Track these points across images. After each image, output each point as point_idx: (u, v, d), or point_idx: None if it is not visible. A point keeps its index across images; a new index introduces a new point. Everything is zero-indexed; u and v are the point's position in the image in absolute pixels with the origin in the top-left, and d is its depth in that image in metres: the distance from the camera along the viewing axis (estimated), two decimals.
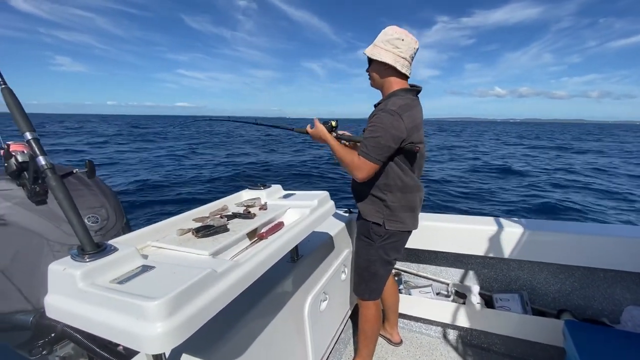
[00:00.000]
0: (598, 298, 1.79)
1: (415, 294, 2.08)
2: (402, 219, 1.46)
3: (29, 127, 0.78)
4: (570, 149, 24.14)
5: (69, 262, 0.70)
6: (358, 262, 1.61)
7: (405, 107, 1.32)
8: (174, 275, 0.70)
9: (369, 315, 1.62)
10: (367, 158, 1.31)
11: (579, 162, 15.58)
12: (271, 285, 1.21)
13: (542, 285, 1.90)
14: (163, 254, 0.86)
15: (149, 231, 0.94)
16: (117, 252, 0.74)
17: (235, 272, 0.76)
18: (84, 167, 0.87)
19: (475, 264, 2.03)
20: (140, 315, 0.58)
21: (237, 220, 1.06)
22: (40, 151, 0.77)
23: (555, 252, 1.74)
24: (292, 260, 1.40)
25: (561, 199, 7.91)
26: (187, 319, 0.61)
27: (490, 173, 12.00)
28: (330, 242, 1.73)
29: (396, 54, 1.37)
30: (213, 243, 0.88)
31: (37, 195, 0.78)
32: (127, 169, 11.64)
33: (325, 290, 1.58)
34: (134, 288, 0.65)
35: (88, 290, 0.64)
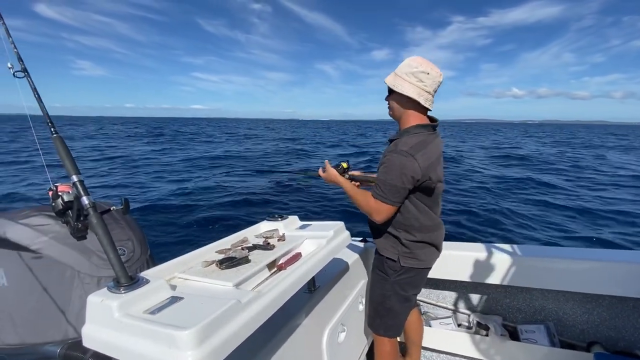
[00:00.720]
0: (629, 329, 1.70)
1: (436, 325, 2.03)
2: (418, 255, 1.43)
3: (76, 171, 0.87)
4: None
5: (106, 294, 0.76)
6: (373, 296, 1.57)
7: (419, 146, 1.28)
8: (201, 305, 0.74)
9: (383, 352, 1.57)
10: (383, 201, 1.29)
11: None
12: (289, 316, 1.23)
13: (569, 315, 1.82)
14: (190, 285, 0.91)
15: (175, 263, 1.00)
16: (149, 284, 0.80)
17: (258, 303, 0.80)
18: (120, 204, 0.95)
19: (497, 293, 1.98)
20: (173, 344, 0.62)
21: (257, 251, 1.11)
22: (84, 192, 0.86)
23: (581, 280, 1.68)
24: (309, 290, 1.42)
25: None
26: (215, 348, 0.65)
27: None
28: (346, 271, 1.74)
29: (420, 88, 1.31)
30: (236, 274, 0.93)
31: (79, 232, 0.86)
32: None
33: (342, 321, 1.57)
34: (165, 318, 0.69)
35: (123, 321, 0.69)
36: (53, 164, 1.12)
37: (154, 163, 14.38)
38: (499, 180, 10.73)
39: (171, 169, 12.74)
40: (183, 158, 16.04)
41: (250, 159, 16.35)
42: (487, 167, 13.45)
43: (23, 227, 1.40)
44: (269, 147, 21.60)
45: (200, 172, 11.89)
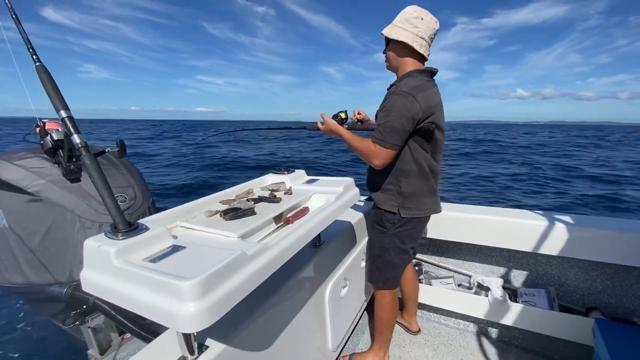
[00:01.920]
0: (630, 297, 1.71)
1: (436, 284, 2.05)
2: (417, 205, 1.42)
3: (64, 106, 0.79)
4: None
5: (103, 239, 0.71)
6: (372, 250, 1.59)
7: (419, 88, 1.27)
8: (205, 256, 0.70)
9: (384, 303, 1.61)
10: (383, 145, 1.26)
11: None
12: (294, 270, 1.21)
13: (572, 282, 1.82)
14: (192, 234, 0.86)
15: (177, 212, 0.95)
16: (149, 231, 0.75)
17: (264, 255, 0.76)
18: (116, 146, 0.87)
19: (500, 257, 1.97)
20: (174, 294, 0.58)
21: (264, 204, 1.06)
22: (74, 129, 0.78)
23: (588, 248, 1.65)
24: (315, 245, 1.40)
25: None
26: (218, 300, 0.61)
27: None
28: (351, 229, 1.72)
29: (414, 34, 1.31)
30: (241, 226, 0.88)
31: (71, 173, 0.79)
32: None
33: (345, 276, 1.58)
34: (166, 267, 0.65)
35: (122, 267, 0.65)
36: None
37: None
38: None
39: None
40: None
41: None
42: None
43: (18, 168, 1.34)
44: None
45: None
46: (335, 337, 1.49)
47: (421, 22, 1.31)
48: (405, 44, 1.33)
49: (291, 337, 1.15)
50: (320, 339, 1.41)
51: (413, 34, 1.32)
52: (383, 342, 1.66)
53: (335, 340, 1.50)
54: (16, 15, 0.83)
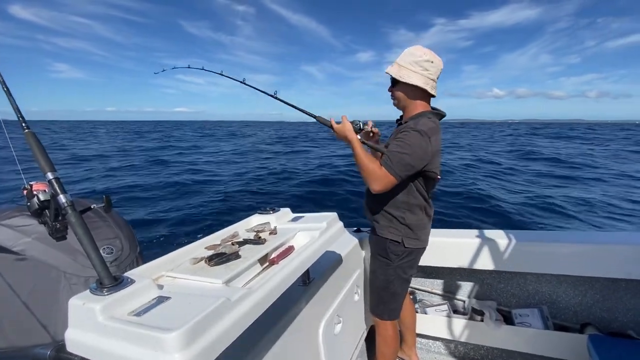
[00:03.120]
0: (622, 310, 1.73)
1: (431, 312, 2.04)
2: (419, 236, 1.47)
3: (50, 168, 0.82)
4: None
5: (88, 296, 0.72)
6: (375, 282, 1.57)
7: (434, 130, 1.32)
8: (189, 305, 0.71)
9: (387, 336, 1.59)
10: (390, 171, 1.28)
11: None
12: (284, 310, 1.21)
13: (563, 298, 1.84)
14: (178, 283, 0.88)
15: (163, 261, 0.96)
16: (134, 284, 0.76)
17: (249, 300, 0.77)
18: (102, 202, 0.90)
19: (491, 278, 1.99)
20: (159, 346, 0.59)
21: (248, 246, 1.08)
22: (61, 190, 0.81)
23: (574, 263, 1.70)
24: (304, 283, 1.40)
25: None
26: (204, 349, 0.62)
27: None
28: (341, 262, 1.73)
29: (426, 77, 1.34)
30: (226, 270, 0.90)
31: (57, 232, 0.82)
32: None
33: (338, 312, 1.56)
34: (151, 320, 0.66)
35: (107, 324, 0.66)
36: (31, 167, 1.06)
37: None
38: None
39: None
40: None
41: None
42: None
43: (5, 228, 1.35)
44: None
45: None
46: None
47: (431, 65, 1.34)
48: (417, 87, 1.35)
49: None
50: None
51: (425, 77, 1.34)
52: None
53: None
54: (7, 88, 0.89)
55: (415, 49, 1.37)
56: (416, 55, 1.35)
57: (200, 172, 12.27)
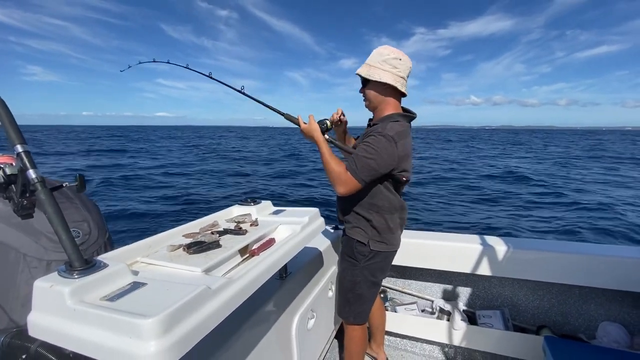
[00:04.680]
0: (574, 314, 1.86)
1: (401, 311, 2.10)
2: (387, 239, 1.45)
3: (20, 140, 0.76)
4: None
5: (56, 278, 0.68)
6: (343, 283, 1.57)
7: (402, 135, 1.32)
8: (167, 292, 0.69)
9: (354, 337, 1.59)
10: (354, 176, 1.29)
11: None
12: (259, 303, 1.20)
13: (523, 301, 1.95)
14: (154, 270, 0.84)
15: (138, 247, 0.92)
16: (107, 268, 0.72)
17: (229, 289, 0.76)
18: (74, 180, 0.85)
19: (459, 280, 2.08)
20: (134, 333, 0.57)
21: (229, 236, 1.06)
22: (30, 164, 0.75)
23: (534, 269, 1.80)
24: (281, 277, 1.40)
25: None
26: (181, 337, 0.60)
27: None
28: (318, 258, 1.74)
29: (395, 74, 1.36)
30: (205, 259, 0.87)
31: (23, 209, 0.76)
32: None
33: (312, 307, 1.57)
34: (125, 305, 0.63)
35: (77, 308, 0.62)
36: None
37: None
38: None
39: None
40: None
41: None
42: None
43: None
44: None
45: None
46: None
47: (400, 63, 1.35)
48: (387, 85, 1.36)
49: None
50: None
51: (394, 74, 1.35)
52: None
53: None
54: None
55: (383, 48, 1.39)
56: (384, 54, 1.36)
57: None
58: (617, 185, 11.88)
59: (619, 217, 7.42)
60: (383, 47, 1.39)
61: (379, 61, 1.37)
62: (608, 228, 6.62)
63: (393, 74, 1.36)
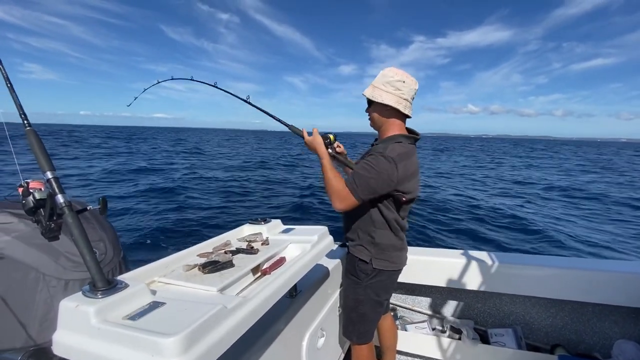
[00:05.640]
0: (589, 332, 1.82)
1: (412, 329, 2.07)
2: (390, 257, 1.45)
3: (50, 167, 0.82)
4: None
5: (81, 298, 0.71)
6: (346, 302, 1.56)
7: (403, 156, 1.32)
8: (185, 311, 0.72)
9: (361, 357, 1.57)
10: (353, 193, 1.29)
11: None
12: (270, 322, 1.21)
13: (535, 319, 1.92)
14: (171, 289, 0.88)
15: (155, 267, 0.96)
16: (128, 288, 0.76)
17: (244, 308, 0.78)
18: (98, 203, 0.90)
19: (470, 298, 2.05)
20: (156, 351, 0.60)
21: (241, 255, 1.09)
22: (59, 189, 0.80)
23: (547, 286, 1.78)
24: (291, 295, 1.41)
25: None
26: (200, 355, 0.63)
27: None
28: (327, 277, 1.74)
29: (398, 96, 1.36)
30: (220, 279, 0.90)
31: (51, 232, 0.80)
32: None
33: (322, 326, 1.57)
34: (147, 324, 0.66)
35: (101, 327, 0.66)
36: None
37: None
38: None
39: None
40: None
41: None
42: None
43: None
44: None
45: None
46: None
47: (403, 85, 1.35)
48: (389, 106, 1.37)
49: None
50: None
51: (397, 96, 1.36)
52: None
53: None
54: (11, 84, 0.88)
55: (388, 70, 1.40)
56: (388, 76, 1.38)
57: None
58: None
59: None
60: (388, 69, 1.41)
61: (383, 82, 1.38)
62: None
63: (396, 96, 1.37)
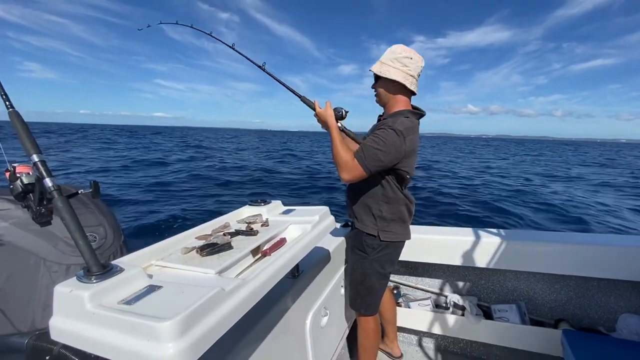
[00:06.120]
0: (593, 307, 1.82)
1: (415, 307, 2.09)
2: (396, 229, 1.48)
3: (36, 150, 0.79)
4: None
5: (75, 283, 0.70)
6: (353, 276, 1.60)
7: (410, 130, 1.34)
8: (182, 294, 0.70)
9: (368, 329, 1.61)
10: (361, 164, 1.32)
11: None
12: (273, 302, 1.21)
13: (539, 295, 1.92)
14: (168, 273, 0.86)
15: (152, 250, 0.94)
16: (124, 272, 0.74)
17: (243, 290, 0.77)
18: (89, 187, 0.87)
19: (473, 275, 2.05)
20: (152, 335, 0.58)
21: (240, 237, 1.07)
22: (47, 173, 0.77)
23: (551, 262, 1.77)
24: (293, 276, 1.40)
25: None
26: (198, 339, 0.61)
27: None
28: (329, 257, 1.74)
29: (405, 72, 1.38)
30: (218, 261, 0.88)
31: (42, 217, 0.78)
32: None
33: (326, 305, 1.57)
34: (143, 308, 0.65)
35: (96, 312, 0.64)
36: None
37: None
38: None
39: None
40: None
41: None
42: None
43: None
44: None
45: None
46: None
47: (410, 62, 1.38)
48: (396, 82, 1.39)
49: None
50: None
51: (404, 72, 1.38)
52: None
53: None
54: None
55: (396, 46, 1.42)
56: (396, 52, 1.40)
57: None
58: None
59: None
60: (396, 46, 1.42)
61: (391, 59, 1.40)
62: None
63: (403, 72, 1.38)
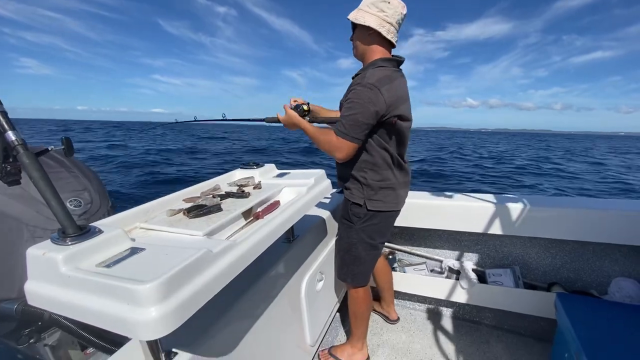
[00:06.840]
0: (587, 270, 1.83)
1: (410, 271, 2.10)
2: (384, 197, 1.38)
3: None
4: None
5: (49, 245, 0.65)
6: (340, 245, 1.54)
7: (385, 80, 1.22)
8: (166, 256, 0.65)
9: (357, 298, 1.58)
10: (345, 138, 1.22)
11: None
12: (267, 267, 1.18)
13: (534, 259, 1.93)
14: (153, 235, 0.81)
15: (136, 212, 0.88)
16: (103, 234, 0.69)
17: (232, 253, 0.72)
18: (61, 144, 0.79)
19: (469, 241, 2.05)
20: (132, 299, 0.54)
21: (231, 199, 1.01)
22: (8, 126, 0.69)
23: (547, 227, 1.75)
24: (288, 240, 1.37)
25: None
26: (182, 302, 0.57)
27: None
28: (325, 222, 1.71)
29: (381, 18, 1.25)
30: (207, 223, 0.83)
31: (9, 175, 0.71)
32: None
33: (321, 270, 1.56)
34: (123, 271, 0.60)
35: (72, 275, 0.59)
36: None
37: None
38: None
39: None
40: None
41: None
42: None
43: None
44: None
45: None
46: (313, 331, 1.48)
47: (388, 6, 1.25)
48: (372, 30, 1.27)
49: (268, 335, 1.12)
50: (298, 335, 1.39)
51: (380, 18, 1.26)
52: (360, 334, 1.66)
53: (314, 334, 1.49)
54: None
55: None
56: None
57: None
58: None
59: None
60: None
61: (367, 4, 1.27)
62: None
63: (379, 18, 1.25)
